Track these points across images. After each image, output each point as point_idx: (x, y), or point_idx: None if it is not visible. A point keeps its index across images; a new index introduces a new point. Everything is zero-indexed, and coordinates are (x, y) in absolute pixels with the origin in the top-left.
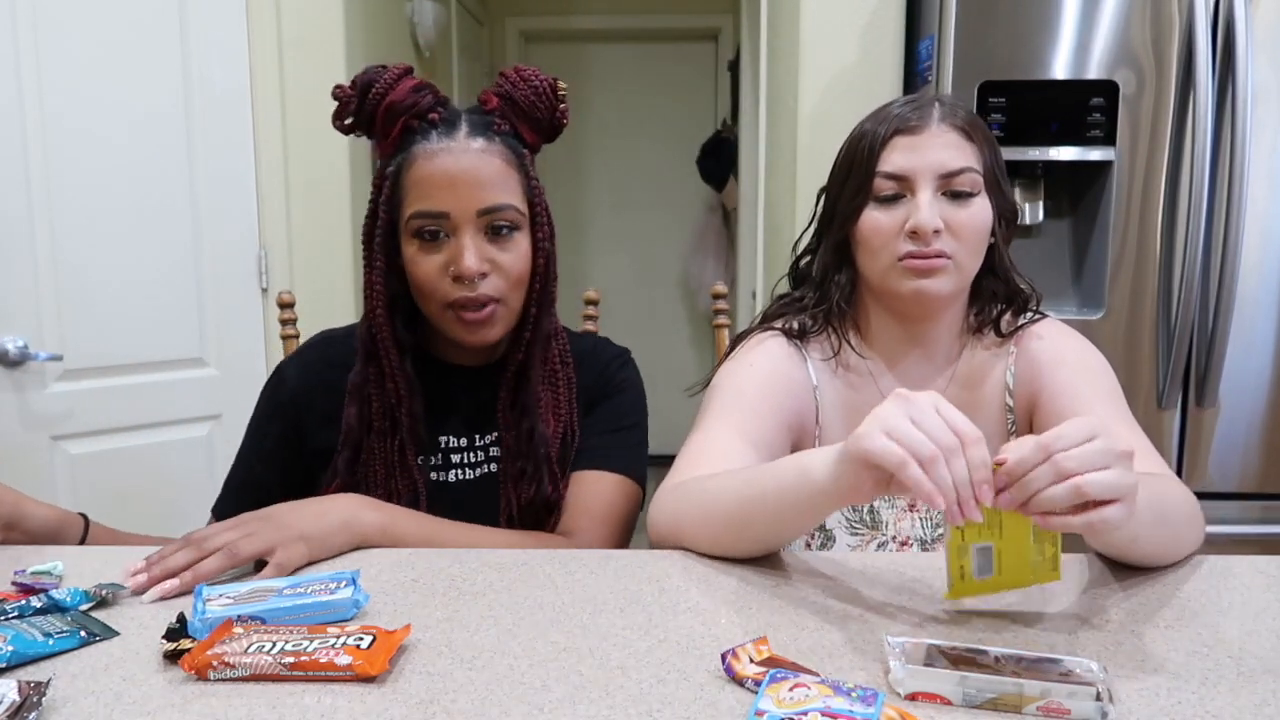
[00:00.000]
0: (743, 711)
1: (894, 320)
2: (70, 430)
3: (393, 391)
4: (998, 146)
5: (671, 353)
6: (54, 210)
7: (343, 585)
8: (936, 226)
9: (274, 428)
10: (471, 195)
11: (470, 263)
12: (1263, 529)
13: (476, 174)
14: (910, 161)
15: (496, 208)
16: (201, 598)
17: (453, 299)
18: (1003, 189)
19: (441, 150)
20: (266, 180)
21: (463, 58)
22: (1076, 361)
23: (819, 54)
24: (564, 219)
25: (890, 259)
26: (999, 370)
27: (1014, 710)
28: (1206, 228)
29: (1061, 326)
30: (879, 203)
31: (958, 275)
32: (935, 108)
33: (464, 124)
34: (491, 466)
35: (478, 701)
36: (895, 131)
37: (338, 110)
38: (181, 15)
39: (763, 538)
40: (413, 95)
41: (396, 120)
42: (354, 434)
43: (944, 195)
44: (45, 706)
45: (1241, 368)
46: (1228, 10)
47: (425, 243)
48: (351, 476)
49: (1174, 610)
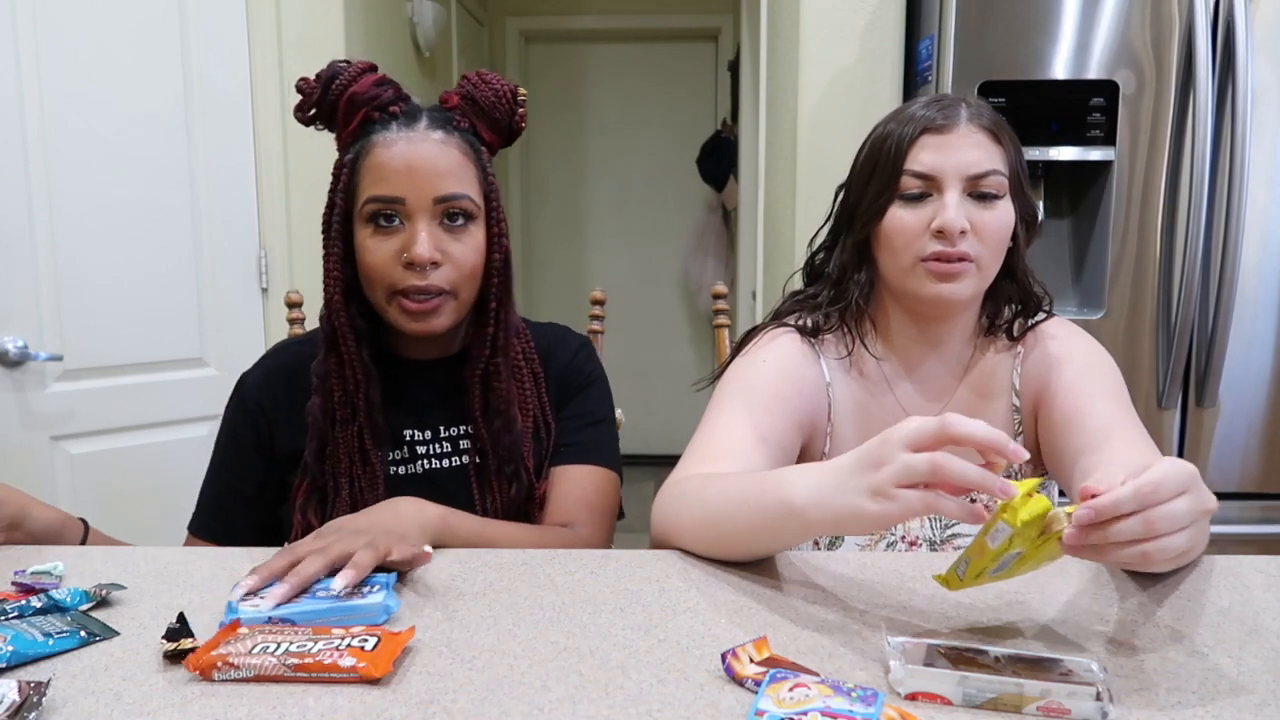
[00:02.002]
0: (743, 711)
1: (910, 321)
2: (70, 430)
3: (350, 378)
4: (1021, 149)
5: (671, 353)
6: (54, 210)
7: (375, 589)
8: (963, 227)
9: (245, 435)
10: (428, 183)
11: (423, 249)
12: (1263, 529)
13: (434, 163)
14: (938, 161)
15: (453, 196)
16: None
17: (402, 286)
18: (1025, 192)
19: (400, 139)
20: (266, 180)
21: (463, 58)
22: (1083, 359)
23: (819, 54)
24: (564, 219)
25: (913, 259)
26: (1006, 370)
27: (1014, 710)
28: (1206, 228)
29: (1070, 325)
30: (905, 201)
31: (978, 279)
32: (963, 108)
33: (424, 117)
34: (463, 459)
35: (478, 701)
36: (923, 130)
37: (300, 102)
38: (181, 15)
39: (749, 551)
40: (375, 89)
41: (358, 111)
42: (319, 424)
43: (970, 197)
44: (45, 706)
45: (1241, 368)
46: (1228, 10)
47: (379, 228)
48: (320, 468)
49: (1174, 610)
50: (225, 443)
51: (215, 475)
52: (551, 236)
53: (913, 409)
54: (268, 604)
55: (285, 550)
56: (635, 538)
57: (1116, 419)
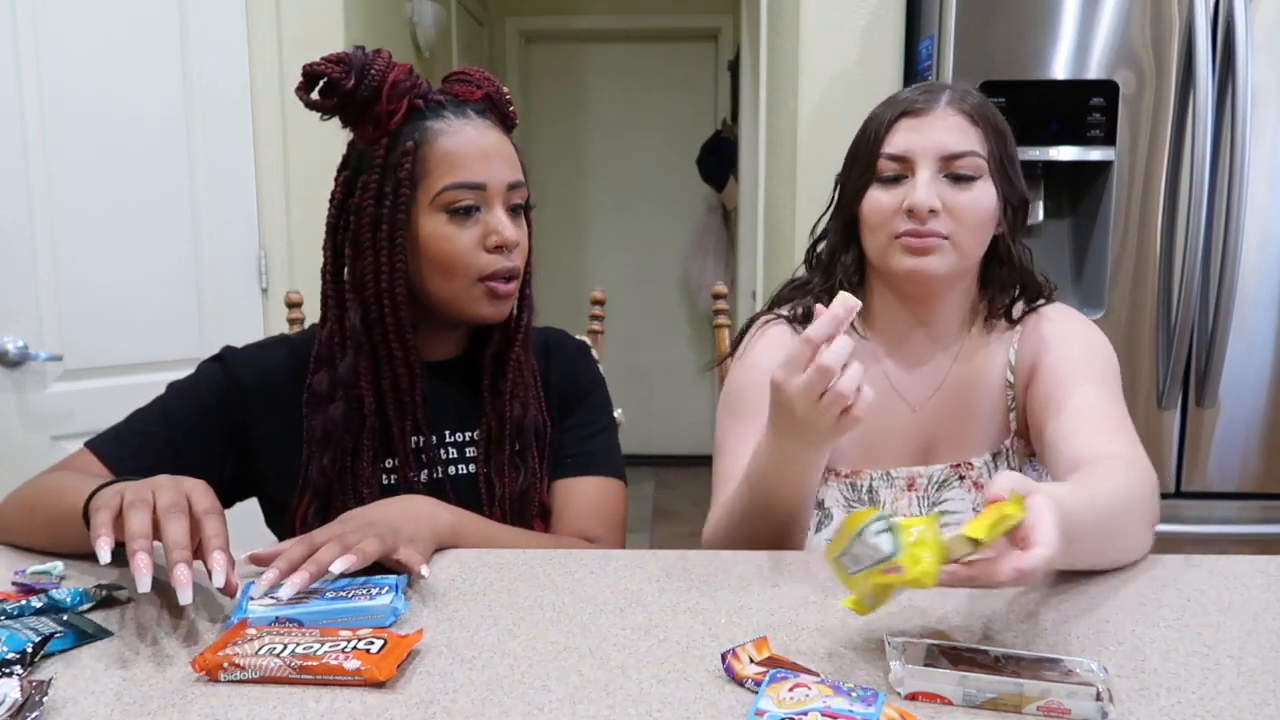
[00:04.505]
0: (743, 711)
1: (897, 301)
2: (70, 430)
3: (404, 377)
4: (1010, 137)
5: (671, 353)
6: (54, 210)
7: (383, 591)
8: (932, 205)
9: (210, 400)
10: (502, 169)
11: (513, 232)
12: (1263, 529)
13: (501, 149)
14: (911, 142)
15: (519, 183)
16: (246, 596)
17: (490, 270)
18: (1010, 178)
19: (467, 127)
20: (266, 180)
21: (463, 58)
22: (1078, 342)
23: (819, 54)
24: (564, 219)
25: (888, 237)
26: (1003, 349)
27: (1014, 710)
28: (1206, 228)
29: (1071, 311)
30: (882, 183)
31: (955, 256)
32: (945, 93)
33: (469, 107)
34: (469, 467)
35: (478, 701)
36: (901, 114)
37: (326, 86)
38: (181, 15)
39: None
40: (411, 77)
41: (402, 98)
42: (337, 434)
43: (946, 177)
44: (46, 706)
45: (1241, 368)
46: (1228, 10)
47: (455, 216)
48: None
49: (1174, 610)
50: (185, 393)
51: (152, 416)
52: (551, 236)
53: (901, 384)
54: (286, 591)
55: (301, 539)
56: (635, 538)
57: (1094, 404)
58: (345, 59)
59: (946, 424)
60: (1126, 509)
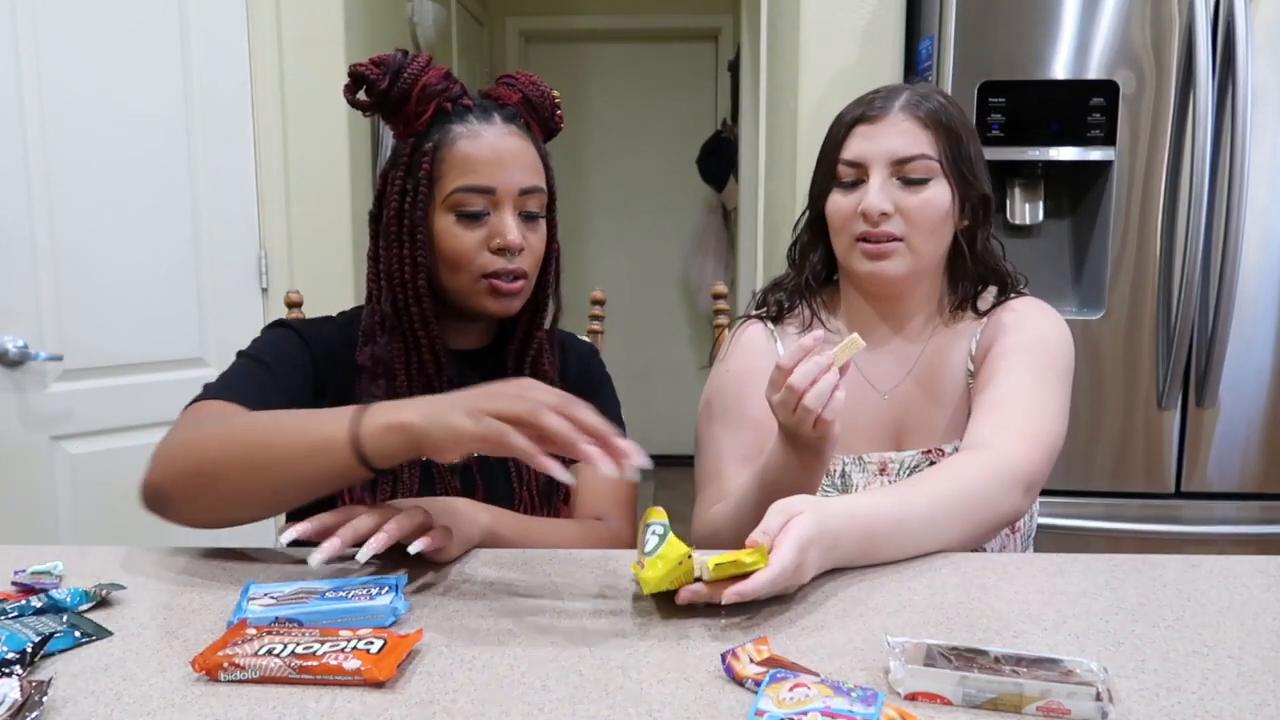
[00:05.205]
0: (743, 711)
1: (863, 299)
2: (70, 430)
3: (431, 363)
4: (965, 137)
5: (671, 353)
6: (54, 210)
7: (383, 591)
8: (883, 209)
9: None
10: (514, 174)
11: (515, 237)
12: (1263, 529)
13: (517, 155)
14: (864, 149)
15: (535, 188)
16: (246, 595)
17: (491, 269)
18: (967, 176)
19: (486, 131)
20: (266, 180)
21: (463, 58)
22: (1030, 330)
23: (819, 54)
24: (564, 219)
25: (850, 239)
26: (967, 338)
27: (1014, 710)
28: (1206, 228)
29: (1037, 304)
30: (841, 187)
31: (911, 258)
32: (901, 97)
33: (496, 112)
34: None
35: (478, 701)
36: (856, 120)
37: (365, 87)
38: (181, 15)
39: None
40: (444, 81)
41: (430, 102)
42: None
43: (899, 180)
44: (46, 706)
45: (1241, 368)
46: (1228, 10)
47: (464, 219)
48: None
49: (1174, 610)
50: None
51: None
52: None
53: (870, 372)
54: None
55: (339, 510)
56: None
57: (1008, 393)
58: (384, 61)
59: (915, 410)
60: (931, 508)
